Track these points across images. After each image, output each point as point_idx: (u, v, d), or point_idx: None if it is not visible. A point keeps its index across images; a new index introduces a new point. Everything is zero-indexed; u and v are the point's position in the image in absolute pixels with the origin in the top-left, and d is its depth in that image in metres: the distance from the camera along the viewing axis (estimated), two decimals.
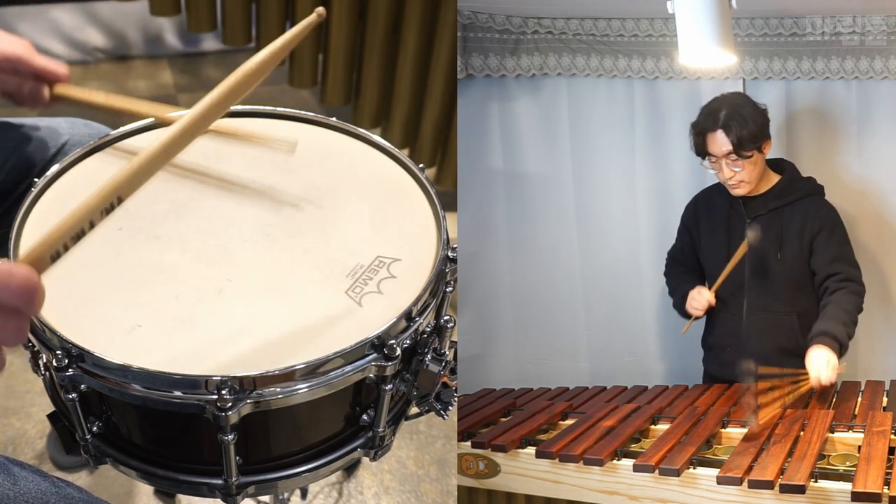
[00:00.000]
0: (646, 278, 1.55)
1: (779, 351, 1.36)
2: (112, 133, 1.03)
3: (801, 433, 1.07)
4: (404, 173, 1.01)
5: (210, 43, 2.94)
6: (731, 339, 1.39)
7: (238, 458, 0.81)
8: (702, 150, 1.34)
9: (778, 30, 1.49)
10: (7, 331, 0.61)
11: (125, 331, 0.78)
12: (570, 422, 1.24)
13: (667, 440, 1.10)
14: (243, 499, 0.85)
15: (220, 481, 0.83)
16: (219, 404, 0.73)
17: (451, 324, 0.88)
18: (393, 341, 0.79)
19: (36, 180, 0.94)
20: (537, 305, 1.70)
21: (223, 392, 0.73)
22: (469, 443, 1.18)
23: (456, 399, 0.90)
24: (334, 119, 1.08)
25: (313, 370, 0.76)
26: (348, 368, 0.78)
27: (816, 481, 0.96)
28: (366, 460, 1.22)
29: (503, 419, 1.28)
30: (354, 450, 0.88)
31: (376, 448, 0.89)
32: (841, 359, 1.21)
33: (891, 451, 0.99)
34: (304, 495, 1.49)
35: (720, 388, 1.35)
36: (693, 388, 1.38)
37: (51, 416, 0.89)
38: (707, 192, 1.45)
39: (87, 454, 0.85)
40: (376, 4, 1.70)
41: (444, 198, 0.97)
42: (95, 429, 0.84)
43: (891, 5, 1.40)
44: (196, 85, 2.81)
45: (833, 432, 1.09)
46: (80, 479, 1.52)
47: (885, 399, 1.20)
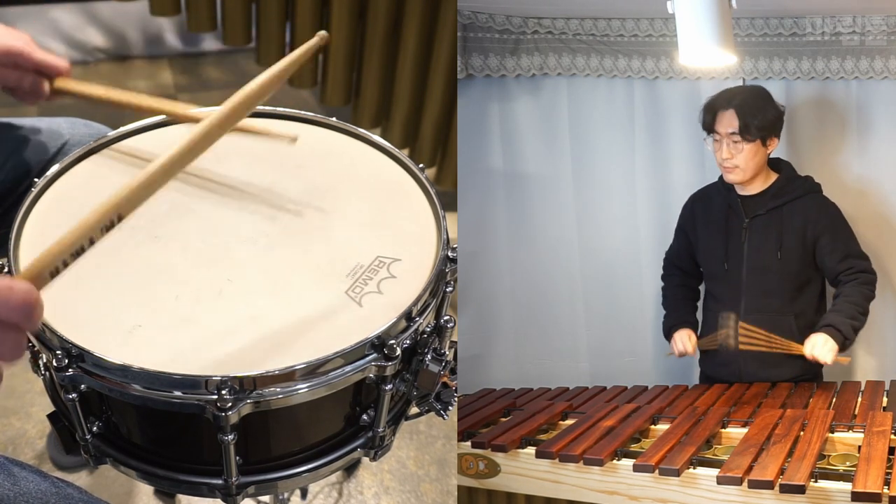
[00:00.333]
0: (646, 278, 1.55)
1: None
2: (112, 133, 1.04)
3: (801, 433, 1.07)
4: (404, 173, 1.01)
5: (210, 43, 2.94)
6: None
7: (238, 458, 0.81)
8: (709, 127, 1.36)
9: (778, 30, 1.49)
10: (6, 346, 0.61)
11: (125, 331, 0.78)
12: (570, 422, 1.24)
13: (667, 440, 1.10)
14: (243, 499, 0.85)
15: (220, 481, 0.83)
16: (219, 404, 0.73)
17: (451, 324, 0.88)
18: (393, 341, 0.79)
19: (36, 180, 0.94)
20: (537, 305, 1.70)
21: (223, 392, 0.73)
22: (469, 443, 1.18)
23: (456, 399, 0.90)
24: (334, 119, 1.08)
25: (313, 370, 0.76)
26: (348, 368, 0.78)
27: (816, 481, 0.96)
28: (366, 460, 1.22)
29: (503, 419, 1.28)
30: (354, 450, 0.88)
31: (376, 448, 0.89)
32: (844, 351, 1.27)
33: (891, 451, 0.99)
34: (304, 495, 1.49)
35: (720, 388, 1.35)
36: (693, 388, 1.38)
37: (51, 416, 0.89)
38: (704, 191, 1.45)
39: (87, 454, 0.85)
40: (376, 4, 1.70)
41: (444, 198, 0.97)
42: (95, 429, 0.84)
43: (891, 5, 1.40)
44: (196, 85, 2.81)
45: (833, 432, 1.09)
46: (80, 479, 1.51)
47: (885, 399, 1.20)
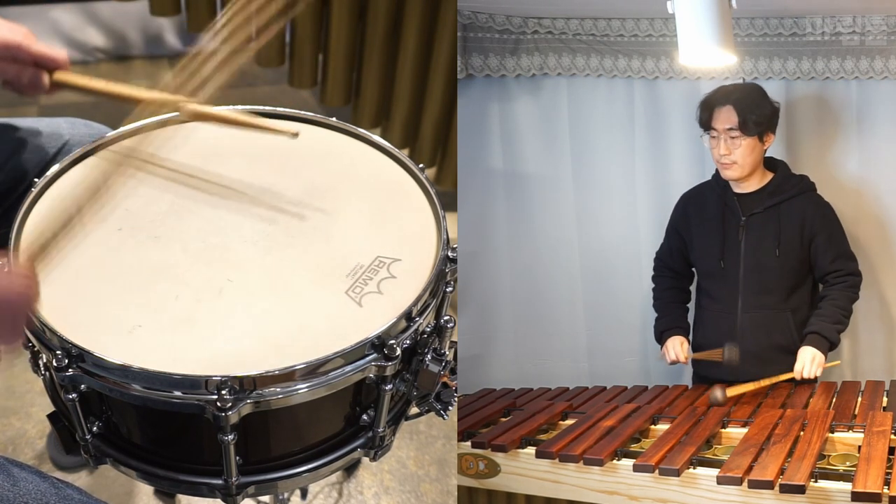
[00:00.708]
0: (645, 278, 1.55)
1: (774, 348, 1.36)
2: (112, 133, 1.03)
3: (801, 433, 1.07)
4: (404, 173, 1.01)
5: (210, 43, 2.94)
6: (725, 338, 1.39)
7: (238, 458, 0.81)
8: (706, 124, 1.37)
9: (778, 30, 1.49)
10: (5, 331, 0.61)
11: (125, 331, 0.78)
12: (570, 422, 1.24)
13: (667, 440, 1.10)
14: (243, 499, 0.85)
15: (220, 481, 0.83)
16: (219, 404, 0.73)
17: (451, 324, 0.88)
18: (393, 341, 0.79)
19: (36, 180, 0.94)
20: (537, 305, 1.70)
21: (223, 392, 0.73)
22: (469, 443, 1.18)
23: (456, 399, 0.90)
24: (334, 119, 1.08)
25: (313, 370, 0.76)
26: (348, 368, 0.78)
27: (816, 481, 0.95)
28: (366, 460, 1.22)
29: (503, 419, 1.28)
30: (354, 450, 0.89)
31: (376, 448, 0.89)
32: (830, 352, 1.33)
33: (891, 451, 0.99)
34: (304, 495, 1.49)
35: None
36: (693, 388, 1.38)
37: (51, 416, 0.89)
38: (697, 190, 1.45)
39: (87, 454, 0.85)
40: (376, 4, 1.70)
41: (444, 198, 0.97)
42: (95, 429, 0.84)
43: (891, 5, 1.40)
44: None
45: (833, 432, 1.09)
46: (80, 479, 1.51)
47: (885, 399, 1.21)
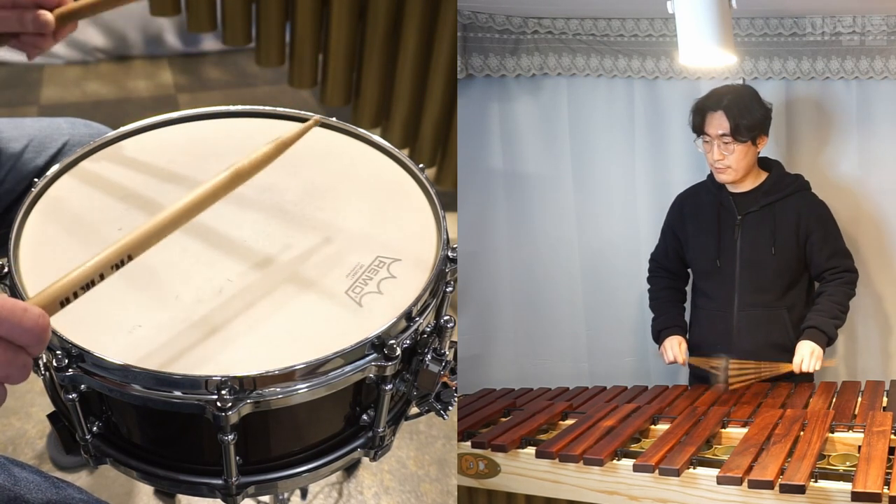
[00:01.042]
0: (645, 278, 1.55)
1: (770, 346, 1.36)
2: (112, 133, 1.04)
3: (801, 433, 1.07)
4: (404, 173, 1.01)
5: (210, 43, 2.94)
6: (722, 337, 1.39)
7: (238, 458, 0.81)
8: (699, 129, 1.37)
9: (778, 30, 1.49)
10: (14, 367, 0.62)
11: (125, 331, 0.78)
12: (570, 422, 1.24)
13: (667, 440, 1.10)
14: (243, 499, 0.85)
15: (220, 481, 0.82)
16: (219, 404, 0.73)
17: (451, 324, 0.88)
18: (393, 341, 0.79)
19: (36, 180, 0.94)
20: (537, 305, 1.70)
21: (223, 392, 0.73)
22: (469, 443, 1.18)
23: (456, 399, 0.90)
24: (334, 119, 1.08)
25: (313, 370, 0.76)
26: (348, 368, 0.78)
27: (816, 481, 0.95)
28: (366, 460, 1.22)
29: (503, 419, 1.28)
30: (354, 450, 0.88)
31: (376, 448, 0.89)
32: (828, 348, 1.33)
33: (891, 451, 0.99)
34: (304, 495, 1.49)
35: (720, 387, 1.34)
36: (693, 388, 1.38)
37: (51, 416, 0.89)
38: (692, 190, 1.45)
39: (87, 454, 0.85)
40: (376, 4, 1.70)
41: (444, 198, 0.97)
42: (95, 429, 0.84)
43: (891, 5, 1.40)
44: (196, 85, 2.81)
45: (833, 432, 1.09)
46: (80, 479, 1.51)
47: (885, 399, 1.21)
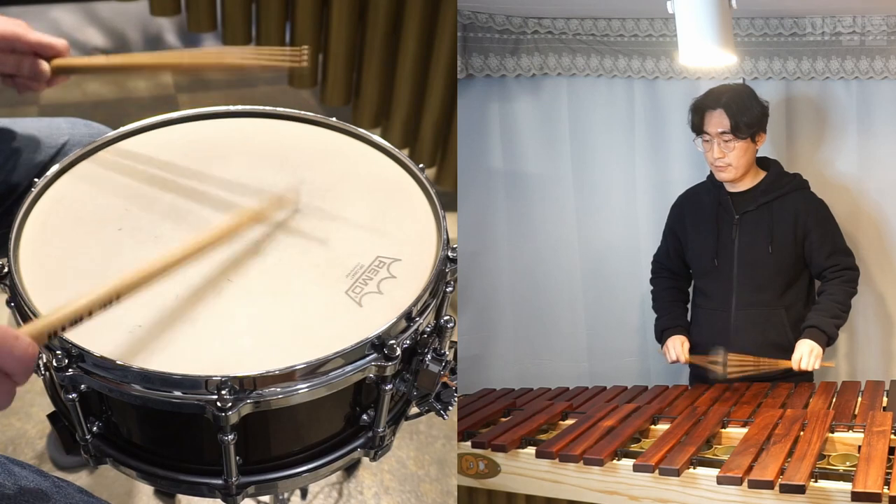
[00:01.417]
0: (645, 278, 1.55)
1: (768, 345, 1.36)
2: (112, 133, 1.04)
3: (801, 433, 1.07)
4: (404, 173, 1.01)
5: (210, 43, 2.94)
6: (720, 336, 1.39)
7: (238, 458, 0.81)
8: (698, 128, 1.38)
9: (778, 30, 1.49)
10: (0, 393, 0.62)
11: (125, 331, 0.78)
12: (570, 422, 1.24)
13: (667, 440, 1.09)
14: (243, 499, 0.85)
15: (220, 481, 0.83)
16: (219, 404, 0.73)
17: (451, 324, 0.88)
18: (393, 341, 0.79)
19: (36, 180, 0.94)
20: (537, 305, 1.70)
21: (223, 392, 0.73)
22: (469, 443, 1.18)
23: (456, 399, 0.90)
24: (334, 119, 1.08)
25: (313, 370, 0.76)
26: (348, 368, 0.78)
27: (816, 481, 0.95)
28: (366, 460, 1.22)
29: (503, 419, 1.28)
30: (354, 450, 0.88)
31: (376, 448, 0.89)
32: (828, 349, 1.33)
33: (891, 451, 0.99)
34: (304, 495, 1.49)
35: (720, 387, 1.35)
36: (693, 388, 1.38)
37: (51, 416, 0.89)
38: (692, 191, 1.46)
39: (87, 454, 0.85)
40: (376, 4, 1.70)
41: (444, 198, 0.97)
42: (95, 429, 0.84)
43: (891, 5, 1.40)
44: (196, 85, 2.80)
45: (833, 432, 1.09)
46: (80, 479, 1.51)
47: (885, 399, 1.20)
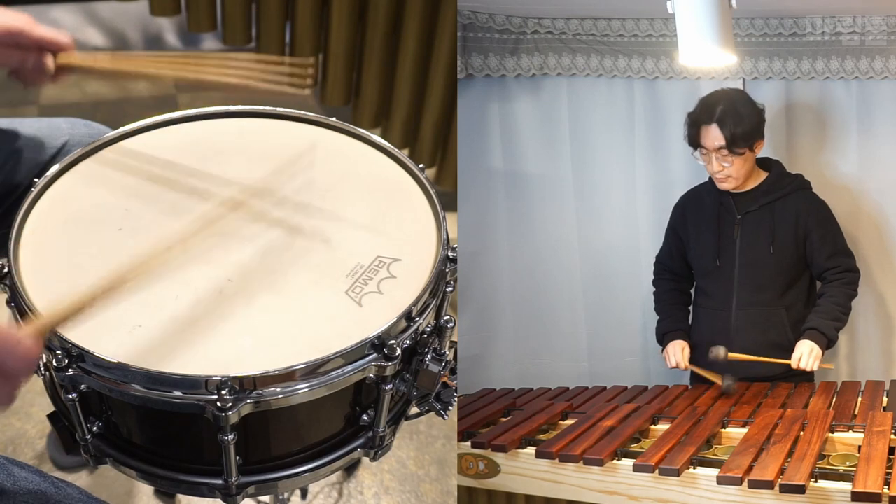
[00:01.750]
0: (645, 278, 1.55)
1: (768, 345, 1.36)
2: (112, 133, 1.04)
3: (801, 433, 1.07)
4: (404, 173, 1.01)
5: (210, 43, 2.93)
6: (719, 336, 1.39)
7: (238, 458, 0.81)
8: (695, 141, 1.36)
9: (778, 30, 1.49)
10: (2, 393, 0.62)
11: (125, 331, 0.78)
12: (570, 422, 1.24)
13: (667, 440, 1.10)
14: (243, 499, 0.85)
15: (220, 481, 0.83)
16: (219, 404, 0.73)
17: (451, 324, 0.88)
18: (393, 341, 0.79)
19: (36, 180, 0.94)
20: (537, 305, 1.70)
21: (223, 392, 0.73)
22: (469, 443, 1.18)
23: (456, 399, 0.90)
24: (334, 119, 1.08)
25: (313, 370, 0.76)
26: (348, 368, 0.78)
27: (816, 481, 0.95)
28: (366, 460, 1.22)
29: (503, 419, 1.28)
30: (354, 450, 0.89)
31: (376, 448, 0.89)
32: (828, 350, 1.32)
33: (891, 451, 0.99)
34: (304, 495, 1.49)
35: (720, 387, 1.34)
36: (693, 388, 1.38)
37: (51, 416, 0.89)
38: (694, 191, 1.45)
39: (87, 454, 0.85)
40: (376, 4, 1.70)
41: (444, 198, 0.97)
42: (95, 429, 0.84)
43: (891, 5, 1.40)
44: (196, 85, 2.81)
45: (833, 432, 1.09)
46: (80, 479, 1.51)
47: (885, 399, 1.20)
